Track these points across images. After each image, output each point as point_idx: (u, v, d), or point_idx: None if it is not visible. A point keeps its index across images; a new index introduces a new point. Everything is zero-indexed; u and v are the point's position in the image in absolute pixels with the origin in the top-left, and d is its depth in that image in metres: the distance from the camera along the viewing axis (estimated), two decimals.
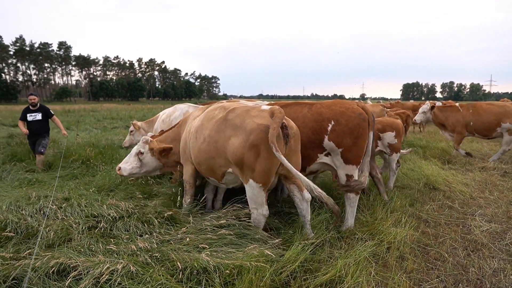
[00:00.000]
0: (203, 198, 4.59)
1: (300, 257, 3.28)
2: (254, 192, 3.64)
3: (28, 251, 3.14)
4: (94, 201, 4.61)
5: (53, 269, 2.78)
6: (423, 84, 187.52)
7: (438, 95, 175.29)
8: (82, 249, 3.29)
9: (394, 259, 3.67)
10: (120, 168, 4.96)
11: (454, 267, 3.61)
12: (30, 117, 8.45)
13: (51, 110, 8.86)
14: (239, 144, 3.51)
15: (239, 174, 3.71)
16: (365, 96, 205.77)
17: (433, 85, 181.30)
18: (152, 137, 5.15)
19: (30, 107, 8.56)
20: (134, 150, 5.02)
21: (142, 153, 4.92)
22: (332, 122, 4.04)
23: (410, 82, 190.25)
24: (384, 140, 5.85)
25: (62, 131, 8.98)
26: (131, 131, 7.94)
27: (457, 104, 9.65)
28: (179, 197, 4.58)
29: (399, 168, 6.17)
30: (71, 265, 2.84)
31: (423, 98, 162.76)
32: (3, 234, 3.67)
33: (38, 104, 8.68)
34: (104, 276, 2.70)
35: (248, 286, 2.76)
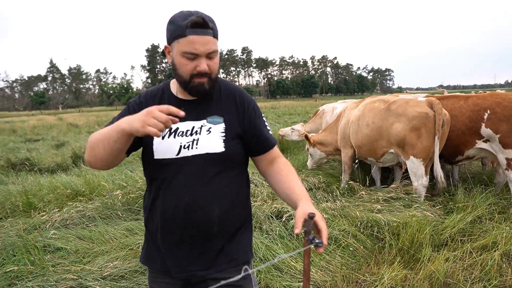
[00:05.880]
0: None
1: (459, 225, 3.92)
2: (415, 166, 4.51)
3: (254, 203, 4.65)
4: None
5: (273, 211, 4.21)
6: None
7: None
8: None
9: None
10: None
11: None
12: (183, 140, 1.50)
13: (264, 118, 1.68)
14: (402, 128, 4.48)
15: (400, 153, 4.63)
16: None
17: None
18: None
19: (192, 83, 1.46)
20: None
21: (308, 149, 6.50)
22: (488, 111, 4.51)
23: None
24: None
25: None
26: (292, 129, 8.63)
27: None
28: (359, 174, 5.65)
29: None
30: (283, 210, 4.22)
31: None
32: None
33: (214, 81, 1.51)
34: None
35: (410, 237, 3.60)
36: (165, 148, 1.51)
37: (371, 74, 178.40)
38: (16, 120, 37.35)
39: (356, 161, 5.51)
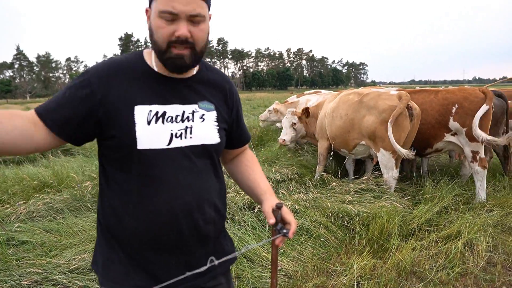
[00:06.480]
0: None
1: (426, 215, 4.04)
2: (385, 158, 4.61)
3: (227, 195, 4.66)
4: (262, 167, 6.06)
5: (245, 202, 4.22)
6: None
7: None
8: None
9: None
10: (284, 140, 6.30)
11: None
12: (174, 127, 1.25)
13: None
14: (373, 121, 4.56)
15: (371, 145, 4.72)
16: None
17: None
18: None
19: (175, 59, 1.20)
20: (287, 124, 6.30)
21: (295, 123, 6.23)
22: (456, 105, 4.66)
23: None
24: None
25: None
26: (269, 110, 9.26)
27: None
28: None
29: None
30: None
31: None
32: None
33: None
34: None
35: (379, 227, 3.68)
36: (152, 136, 1.21)
37: (345, 67, 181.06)
38: None
39: (331, 153, 5.58)
